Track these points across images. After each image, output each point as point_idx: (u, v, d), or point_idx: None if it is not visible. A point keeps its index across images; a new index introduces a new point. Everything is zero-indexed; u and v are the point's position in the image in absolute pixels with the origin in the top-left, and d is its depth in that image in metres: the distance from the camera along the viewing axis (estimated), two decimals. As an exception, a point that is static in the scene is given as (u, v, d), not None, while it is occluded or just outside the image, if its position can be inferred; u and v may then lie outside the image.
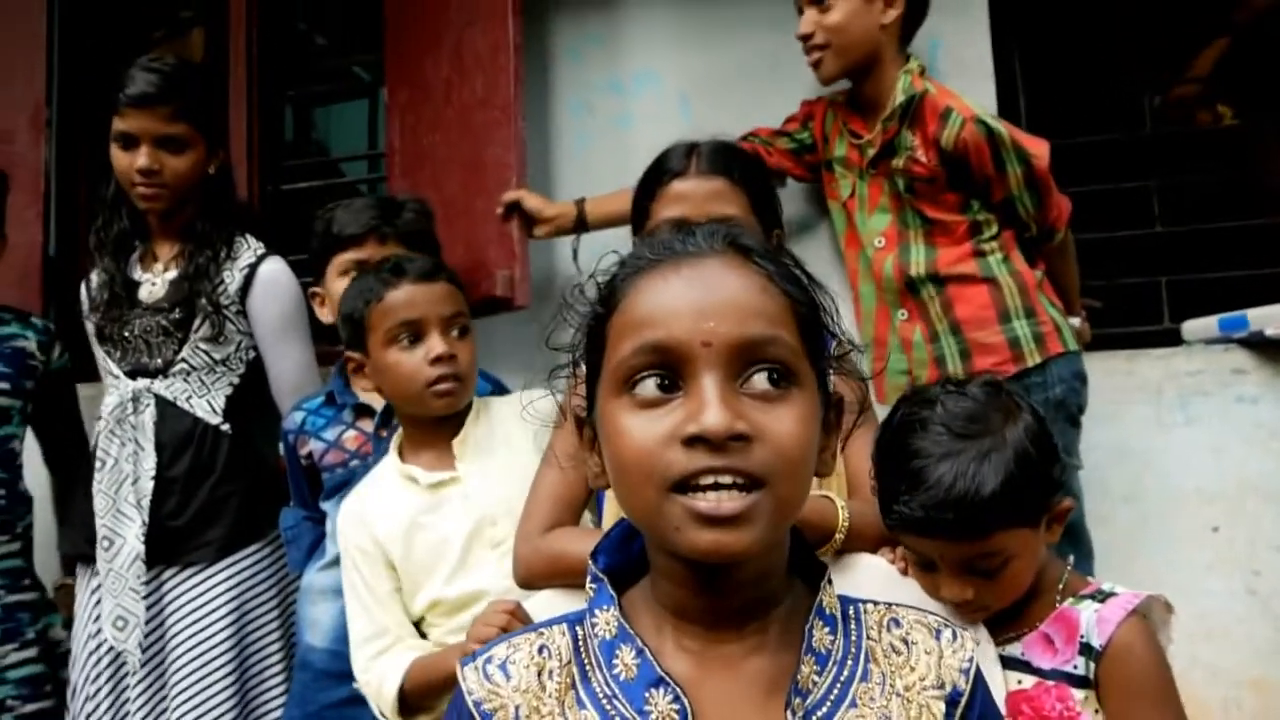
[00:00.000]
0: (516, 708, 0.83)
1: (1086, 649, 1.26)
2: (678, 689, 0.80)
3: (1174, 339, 2.37)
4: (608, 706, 0.81)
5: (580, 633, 0.86)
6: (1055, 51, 2.70)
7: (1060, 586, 1.31)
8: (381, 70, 2.75)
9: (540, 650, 0.85)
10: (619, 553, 0.89)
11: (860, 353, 0.92)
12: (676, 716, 0.79)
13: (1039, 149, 2.06)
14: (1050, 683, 1.26)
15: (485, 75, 2.44)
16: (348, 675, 1.79)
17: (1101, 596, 1.29)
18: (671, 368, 0.78)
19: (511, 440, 1.74)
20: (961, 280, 2.10)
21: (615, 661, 0.83)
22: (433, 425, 1.73)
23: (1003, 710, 1.11)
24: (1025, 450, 1.23)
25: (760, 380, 0.78)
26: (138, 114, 2.10)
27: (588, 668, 0.84)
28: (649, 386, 0.79)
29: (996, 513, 1.22)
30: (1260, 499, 2.17)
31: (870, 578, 1.32)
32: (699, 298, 0.79)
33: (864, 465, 1.40)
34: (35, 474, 2.47)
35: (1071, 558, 1.37)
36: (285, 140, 3.24)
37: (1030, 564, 1.28)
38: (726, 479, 0.75)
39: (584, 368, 0.87)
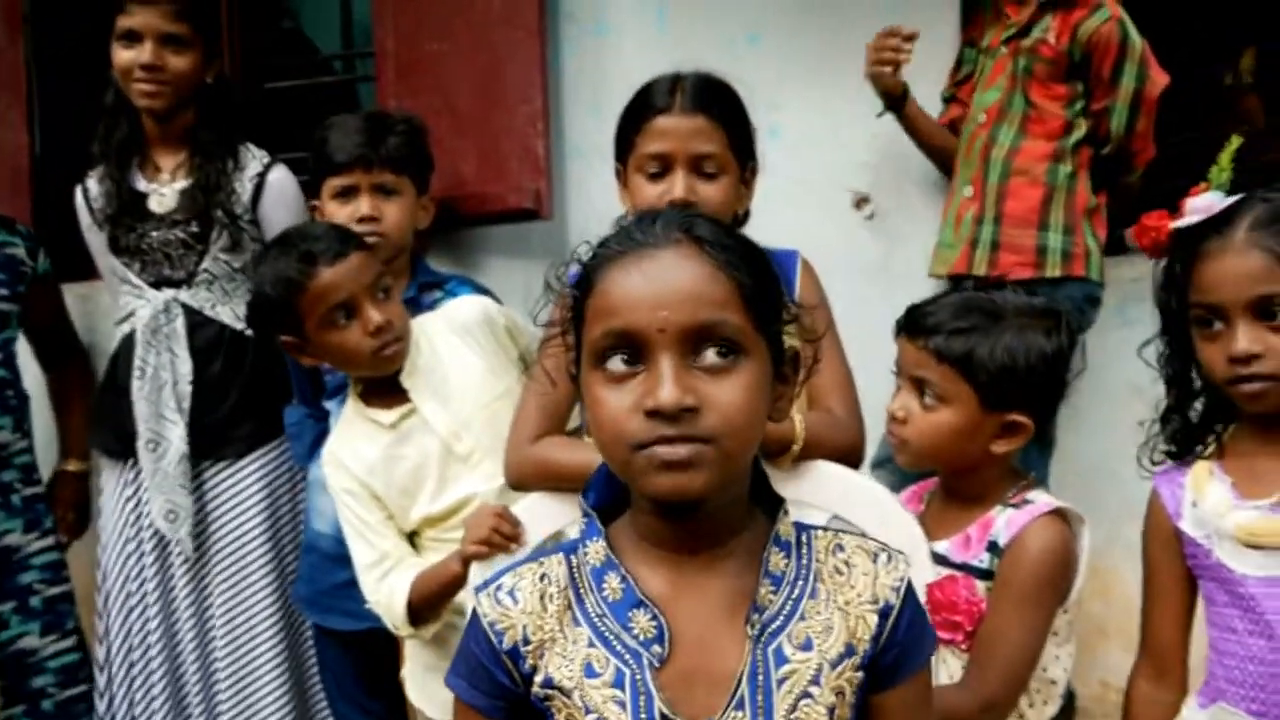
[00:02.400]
0: (524, 627, 0.97)
1: (993, 546, 1.42)
2: (655, 609, 0.95)
3: (1120, 245, 2.47)
4: (599, 624, 0.96)
5: (575, 561, 1.00)
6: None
7: (1001, 499, 1.46)
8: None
9: (542, 578, 0.99)
10: (606, 490, 1.02)
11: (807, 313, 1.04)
12: (654, 630, 0.94)
13: (1159, 77, 2.12)
14: (959, 574, 1.43)
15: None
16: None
17: (1020, 504, 1.44)
18: (634, 348, 0.91)
19: (457, 354, 1.84)
20: (1025, 177, 2.18)
21: (604, 585, 0.97)
22: None
23: (923, 597, 1.25)
24: (1040, 358, 1.39)
25: (710, 355, 0.91)
26: (142, 9, 2.14)
27: (582, 591, 0.98)
28: (616, 363, 0.92)
29: (961, 354, 1.39)
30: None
31: (822, 482, 1.45)
32: (655, 289, 0.91)
33: (824, 383, 1.53)
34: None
35: (1034, 476, 1.51)
36: (269, 35, 3.20)
37: (953, 431, 1.42)
38: (680, 443, 0.89)
39: (572, 337, 0.99)
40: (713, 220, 0.98)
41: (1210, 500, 1.34)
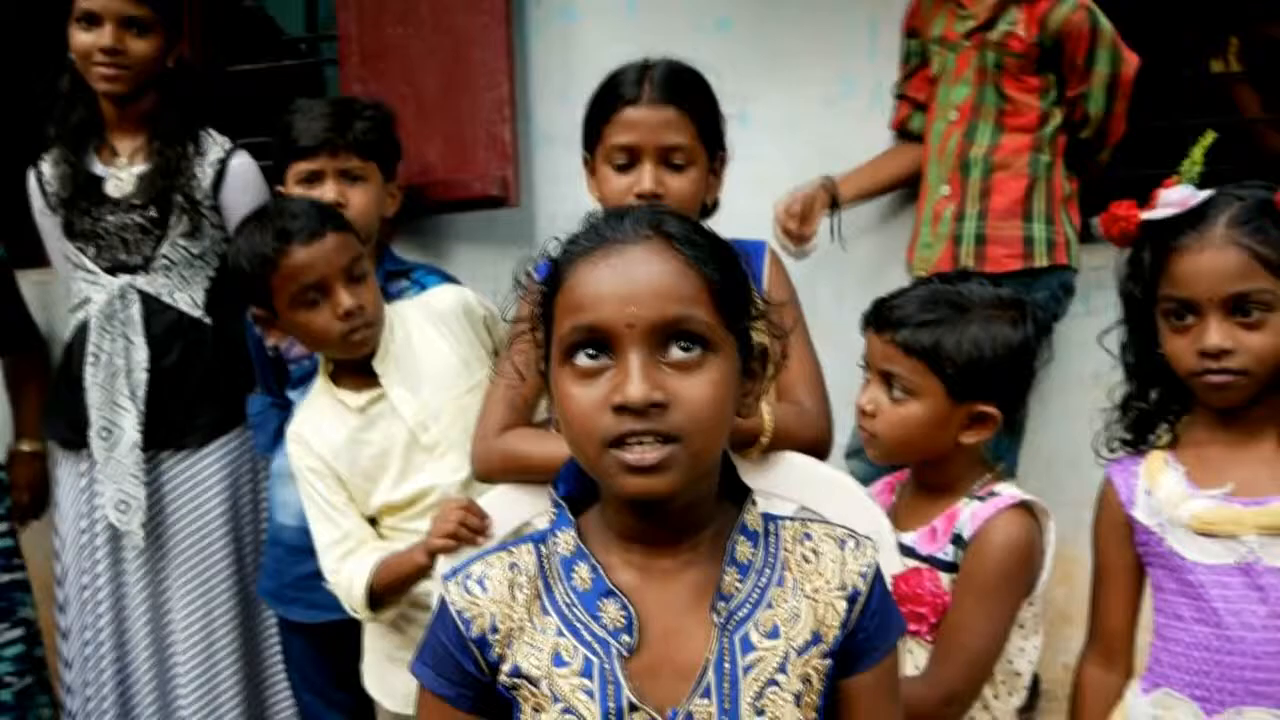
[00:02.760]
0: (492, 615, 0.97)
1: (958, 539, 1.43)
2: (624, 598, 0.95)
3: (1086, 233, 2.48)
4: (568, 613, 0.96)
5: (544, 551, 1.00)
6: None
7: (969, 491, 1.46)
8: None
9: (511, 567, 0.99)
10: (576, 481, 1.02)
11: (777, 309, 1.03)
12: (623, 620, 0.94)
13: (1131, 58, 2.12)
14: (924, 566, 1.43)
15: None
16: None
17: (985, 496, 1.44)
18: (603, 343, 0.91)
19: (431, 344, 1.82)
20: (1008, 171, 2.17)
21: (574, 575, 0.97)
22: None
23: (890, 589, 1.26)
24: (1006, 349, 1.40)
25: (677, 351, 0.91)
26: None
27: (551, 580, 0.98)
28: (585, 359, 0.92)
29: (928, 347, 1.39)
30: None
31: (790, 473, 1.45)
32: (623, 285, 0.91)
33: (792, 375, 1.53)
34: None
35: (1002, 467, 1.52)
36: (231, 16, 3.14)
37: (921, 424, 1.42)
38: (649, 438, 0.89)
39: (542, 333, 0.99)
40: (683, 217, 0.98)
41: (1164, 489, 1.36)
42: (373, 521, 1.81)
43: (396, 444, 1.77)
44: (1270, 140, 2.88)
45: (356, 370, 1.80)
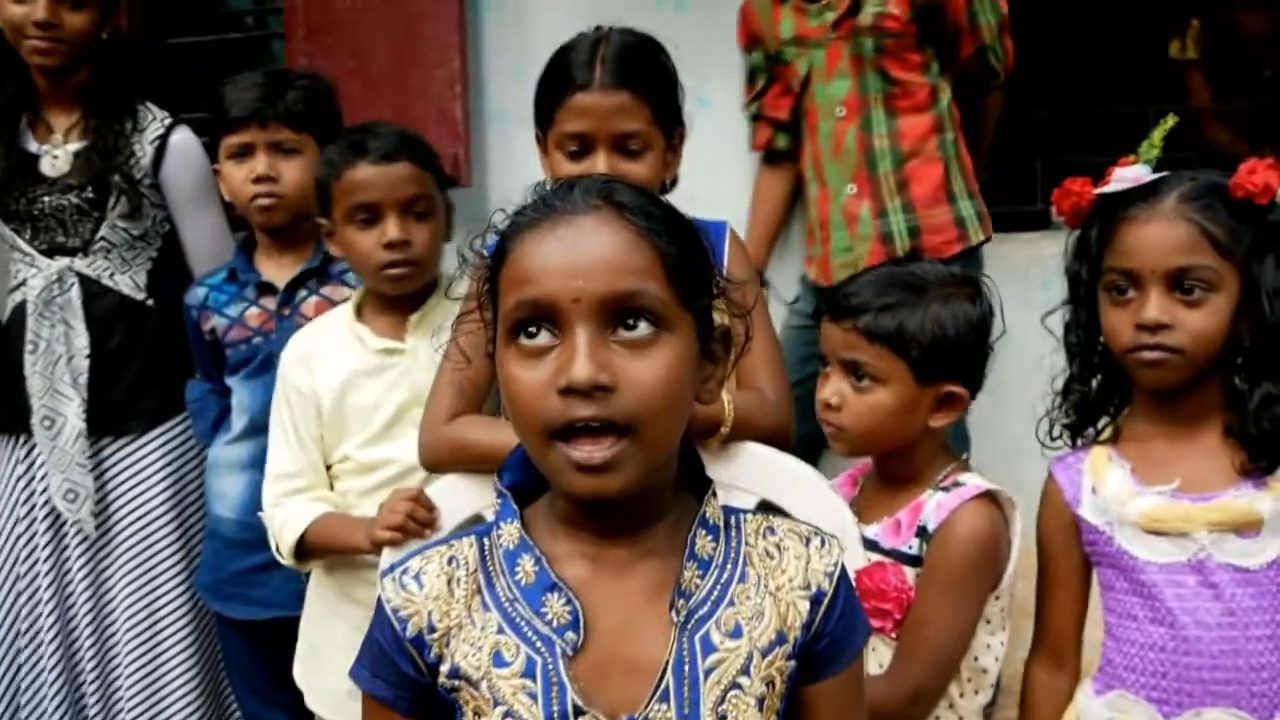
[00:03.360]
0: (429, 613, 0.90)
1: (922, 531, 1.38)
2: (569, 592, 0.88)
3: (1045, 220, 2.46)
4: (509, 609, 0.90)
5: (487, 544, 0.93)
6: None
7: (933, 482, 1.42)
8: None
9: (450, 561, 0.92)
10: (523, 470, 0.95)
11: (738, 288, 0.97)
12: (569, 616, 0.88)
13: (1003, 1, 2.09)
14: (888, 561, 1.39)
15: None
16: (256, 545, 1.87)
17: (949, 487, 1.40)
18: (549, 320, 0.85)
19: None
20: (920, 158, 2.12)
21: (517, 569, 0.91)
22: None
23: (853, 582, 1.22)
24: (968, 326, 1.38)
25: (629, 330, 0.85)
26: None
27: (493, 574, 0.92)
28: (530, 338, 0.86)
29: (892, 330, 1.35)
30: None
31: (750, 464, 1.40)
32: (571, 257, 0.85)
33: (753, 361, 1.45)
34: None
35: (966, 456, 1.48)
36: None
37: (890, 411, 1.38)
38: (596, 424, 0.83)
39: (490, 312, 0.92)
40: (635, 187, 0.91)
41: (1110, 487, 1.33)
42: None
43: (389, 403, 1.70)
44: (1214, 132, 2.88)
45: (388, 312, 1.74)
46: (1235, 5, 2.88)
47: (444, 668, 0.90)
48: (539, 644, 0.88)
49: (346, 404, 1.70)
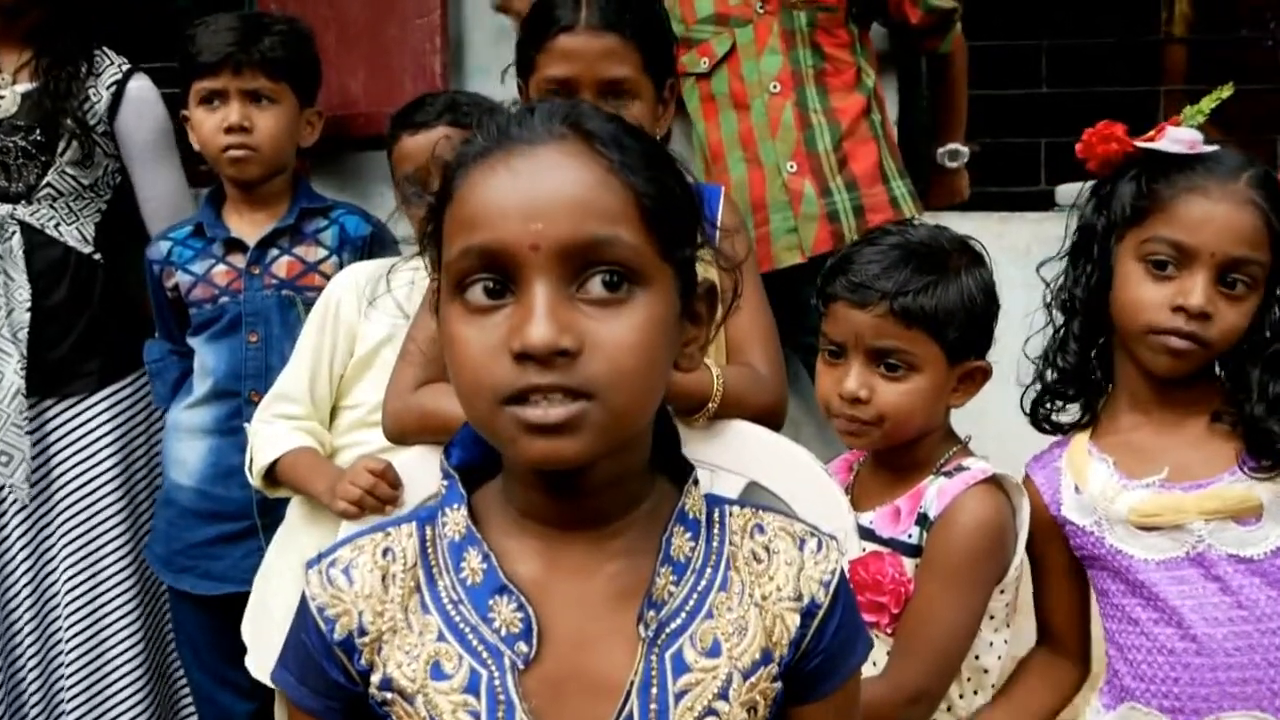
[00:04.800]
0: (360, 614, 0.77)
1: (923, 519, 1.27)
2: (521, 595, 0.75)
3: (1048, 201, 2.37)
4: (452, 612, 0.76)
5: (429, 533, 0.80)
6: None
7: (935, 466, 1.31)
8: None
9: (384, 553, 0.79)
10: (475, 447, 0.82)
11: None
12: (520, 624, 0.75)
13: None
14: (885, 550, 1.28)
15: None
16: (216, 515, 1.83)
17: (953, 472, 1.28)
18: (501, 271, 0.71)
19: None
20: (854, 138, 2.04)
21: (463, 565, 0.77)
22: None
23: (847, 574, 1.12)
24: (985, 295, 1.27)
25: (597, 284, 0.71)
26: None
27: (435, 570, 0.78)
28: (478, 292, 0.71)
29: (930, 312, 1.22)
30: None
31: (740, 444, 1.30)
32: (527, 195, 0.70)
33: (743, 332, 1.37)
34: None
35: (969, 439, 1.37)
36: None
37: (926, 398, 1.26)
38: (556, 395, 0.69)
39: (432, 257, 0.78)
40: (607, 113, 0.76)
41: (1095, 484, 1.25)
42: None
43: None
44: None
45: None
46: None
47: (375, 677, 0.76)
48: (485, 654, 0.75)
49: (376, 363, 1.63)
